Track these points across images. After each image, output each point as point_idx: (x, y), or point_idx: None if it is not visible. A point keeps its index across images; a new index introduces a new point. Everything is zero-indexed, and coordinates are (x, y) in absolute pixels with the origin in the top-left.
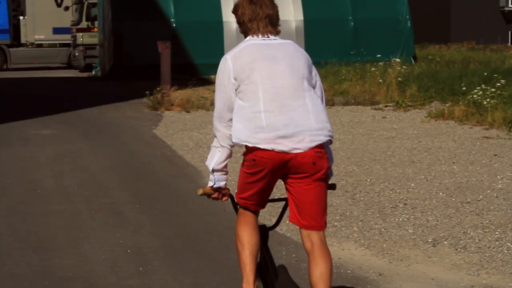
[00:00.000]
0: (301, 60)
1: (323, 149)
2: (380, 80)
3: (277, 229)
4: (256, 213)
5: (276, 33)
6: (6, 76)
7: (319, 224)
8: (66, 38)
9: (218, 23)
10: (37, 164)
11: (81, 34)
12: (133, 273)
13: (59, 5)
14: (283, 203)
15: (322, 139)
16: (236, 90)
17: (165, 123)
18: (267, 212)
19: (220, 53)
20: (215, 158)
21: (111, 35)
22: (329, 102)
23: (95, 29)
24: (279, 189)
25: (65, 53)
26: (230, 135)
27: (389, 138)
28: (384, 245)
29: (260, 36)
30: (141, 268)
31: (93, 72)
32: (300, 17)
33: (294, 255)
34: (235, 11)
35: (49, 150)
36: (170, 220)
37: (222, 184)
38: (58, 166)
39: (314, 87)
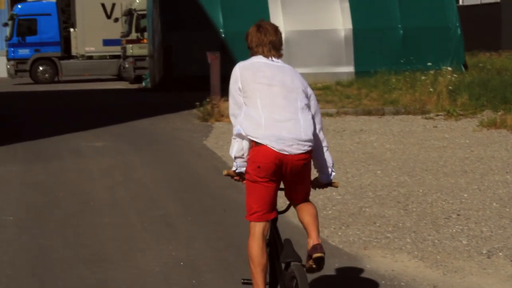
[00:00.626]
0: (295, 82)
1: (309, 155)
2: (431, 89)
3: (330, 240)
4: (267, 225)
5: (278, 56)
6: (58, 88)
7: (303, 200)
8: (116, 49)
9: None
10: (90, 177)
11: (131, 45)
12: (186, 285)
13: (109, 17)
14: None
15: (306, 149)
16: (241, 92)
17: (215, 134)
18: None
19: None
20: (235, 147)
21: (161, 46)
22: (379, 112)
23: (145, 41)
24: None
25: (115, 64)
26: (241, 128)
27: (440, 147)
28: (438, 257)
29: (264, 56)
30: (194, 281)
31: (143, 84)
32: (349, 26)
33: (347, 267)
34: (246, 38)
35: (101, 162)
36: (222, 231)
37: (243, 169)
38: (110, 178)
39: (308, 106)
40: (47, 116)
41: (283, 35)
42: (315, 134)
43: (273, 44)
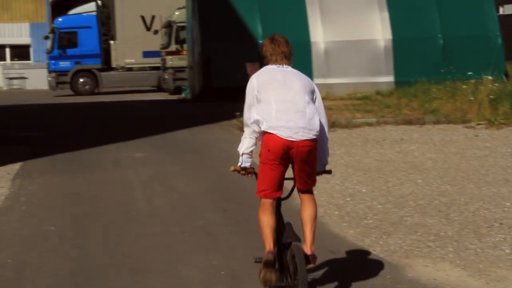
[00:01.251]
0: (302, 82)
1: (314, 143)
2: (472, 98)
3: (372, 249)
4: (273, 201)
5: (289, 64)
6: (98, 100)
7: (310, 187)
8: (155, 61)
9: (306, 43)
10: (130, 187)
11: (170, 57)
12: None
13: (148, 29)
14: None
15: (311, 136)
16: (257, 98)
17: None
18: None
19: (308, 73)
20: (245, 145)
21: (200, 57)
22: (419, 121)
23: (184, 52)
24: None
25: (155, 76)
26: (254, 130)
27: (482, 156)
28: (481, 266)
29: (276, 64)
30: None
31: (183, 95)
32: (389, 36)
33: (388, 276)
34: (261, 48)
35: (141, 173)
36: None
37: (247, 164)
38: (150, 189)
39: (314, 101)
40: (87, 127)
41: (322, 45)
42: (320, 126)
43: (284, 54)
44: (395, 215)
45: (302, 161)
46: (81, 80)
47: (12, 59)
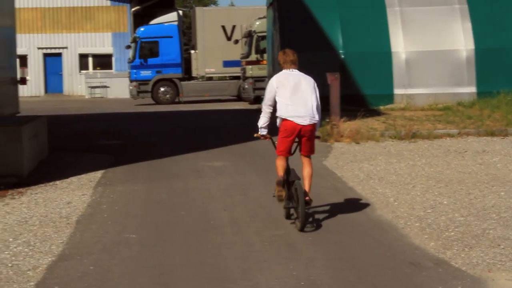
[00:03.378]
0: (307, 81)
1: (314, 126)
2: None
3: (453, 262)
4: (286, 158)
5: (295, 68)
6: (178, 109)
7: (309, 153)
8: (235, 71)
9: (387, 54)
10: (210, 196)
11: (250, 66)
12: None
13: (229, 39)
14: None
15: (313, 122)
16: (276, 93)
17: (335, 154)
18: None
19: (389, 83)
20: (262, 121)
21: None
22: (502, 133)
23: (264, 62)
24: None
25: (235, 85)
26: (269, 112)
27: None
28: None
29: (287, 69)
30: None
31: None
32: (471, 46)
33: None
34: (277, 58)
35: (221, 182)
36: (343, 252)
37: (264, 133)
38: (230, 198)
39: (315, 97)
40: (168, 136)
41: (404, 55)
42: (316, 110)
43: (292, 62)
44: (477, 227)
45: (306, 138)
46: (162, 89)
47: (94, 68)
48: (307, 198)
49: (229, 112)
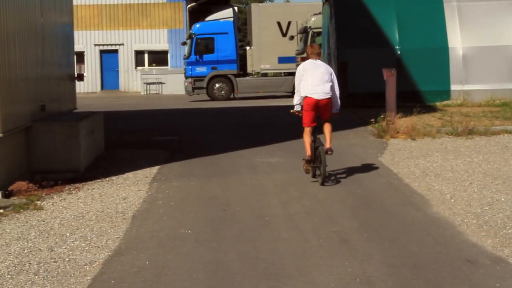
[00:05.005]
0: (325, 68)
1: (329, 100)
2: None
3: (511, 260)
4: (312, 128)
5: (319, 58)
6: (233, 105)
7: (328, 119)
8: (291, 67)
9: (444, 49)
10: (265, 192)
11: None
12: None
13: (284, 35)
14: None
15: (328, 96)
16: (302, 77)
17: (391, 151)
18: None
19: (446, 79)
20: (296, 100)
21: (336, 63)
22: None
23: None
24: None
25: (290, 82)
26: (300, 94)
27: None
28: None
29: (313, 59)
30: None
31: None
32: None
33: None
34: (306, 50)
35: (276, 178)
36: (398, 249)
37: (299, 108)
38: (285, 194)
39: (331, 80)
40: (222, 132)
41: (461, 51)
42: (333, 92)
43: (317, 53)
44: None
45: (323, 108)
46: (217, 85)
47: (150, 64)
48: (328, 147)
49: (284, 108)
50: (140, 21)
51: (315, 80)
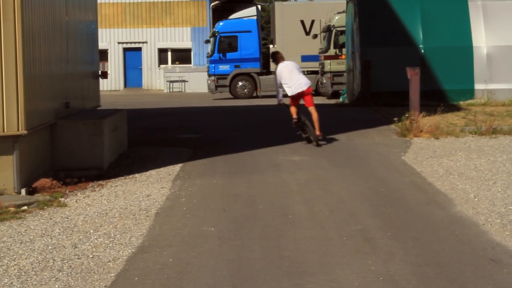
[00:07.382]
0: (294, 66)
1: (310, 88)
2: None
3: None
4: (296, 107)
5: (285, 60)
6: (255, 103)
7: (312, 104)
8: (314, 65)
9: (468, 48)
10: (288, 190)
11: (329, 61)
12: None
13: (307, 33)
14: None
15: (308, 85)
16: (281, 77)
17: (414, 149)
18: None
19: (470, 79)
20: (280, 95)
21: (360, 61)
22: None
23: (343, 57)
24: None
25: (313, 80)
26: (281, 90)
27: None
28: None
29: (281, 62)
30: None
31: (341, 99)
32: None
33: None
34: (275, 56)
35: (299, 176)
36: (422, 247)
37: (282, 102)
38: (309, 192)
39: (301, 73)
40: (245, 130)
41: (485, 50)
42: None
43: (282, 57)
44: None
45: (307, 96)
46: (240, 83)
47: (173, 62)
48: (318, 133)
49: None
50: (163, 19)
51: (293, 80)
